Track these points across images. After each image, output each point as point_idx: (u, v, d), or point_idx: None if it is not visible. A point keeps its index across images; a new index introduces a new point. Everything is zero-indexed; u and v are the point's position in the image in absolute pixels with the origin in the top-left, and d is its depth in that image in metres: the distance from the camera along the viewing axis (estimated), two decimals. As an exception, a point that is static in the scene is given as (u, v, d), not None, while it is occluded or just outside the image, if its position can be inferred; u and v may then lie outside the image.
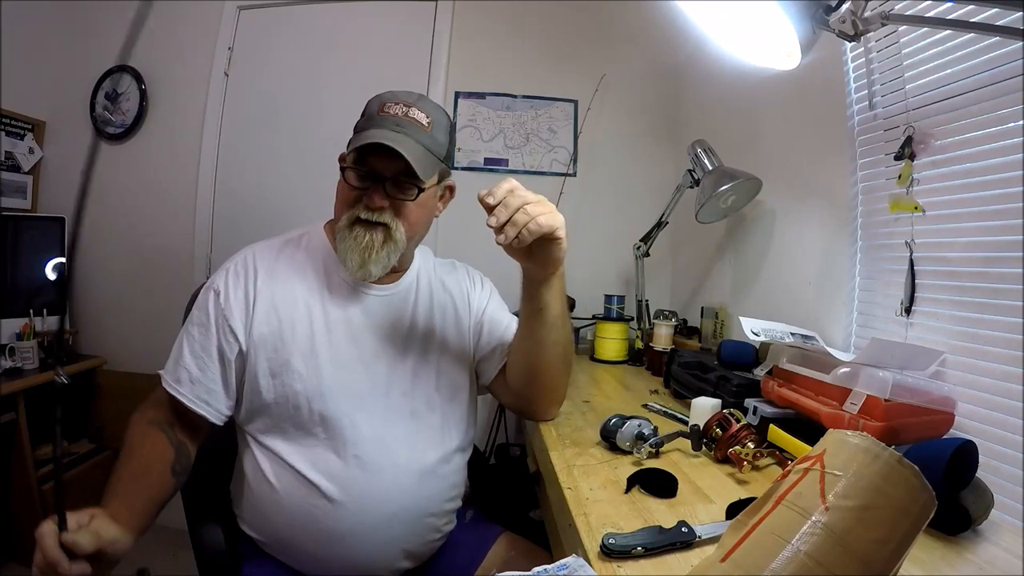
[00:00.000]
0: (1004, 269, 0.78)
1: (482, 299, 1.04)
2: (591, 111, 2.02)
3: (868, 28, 0.70)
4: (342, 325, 0.90)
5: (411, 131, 0.84)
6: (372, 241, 0.85)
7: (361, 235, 0.85)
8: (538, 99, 2.11)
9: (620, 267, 2.05)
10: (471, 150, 2.09)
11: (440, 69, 2.08)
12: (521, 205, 0.75)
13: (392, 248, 0.87)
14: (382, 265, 0.87)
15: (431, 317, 0.97)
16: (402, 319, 0.95)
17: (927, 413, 0.79)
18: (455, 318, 1.00)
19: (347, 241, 0.86)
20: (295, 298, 0.89)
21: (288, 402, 0.85)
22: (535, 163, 2.10)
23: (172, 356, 0.87)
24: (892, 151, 0.98)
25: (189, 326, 0.88)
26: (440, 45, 2.08)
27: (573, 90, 2.10)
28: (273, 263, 0.91)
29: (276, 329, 0.86)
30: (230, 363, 0.86)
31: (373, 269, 0.86)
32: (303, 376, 0.85)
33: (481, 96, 2.10)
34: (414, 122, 0.85)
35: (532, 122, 2.11)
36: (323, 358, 0.87)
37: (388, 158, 0.82)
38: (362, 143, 0.82)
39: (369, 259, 0.86)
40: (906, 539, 0.41)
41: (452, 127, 0.96)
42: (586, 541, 0.61)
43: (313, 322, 0.88)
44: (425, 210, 0.92)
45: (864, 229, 1.09)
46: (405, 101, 0.86)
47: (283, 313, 0.87)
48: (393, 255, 0.88)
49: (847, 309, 1.12)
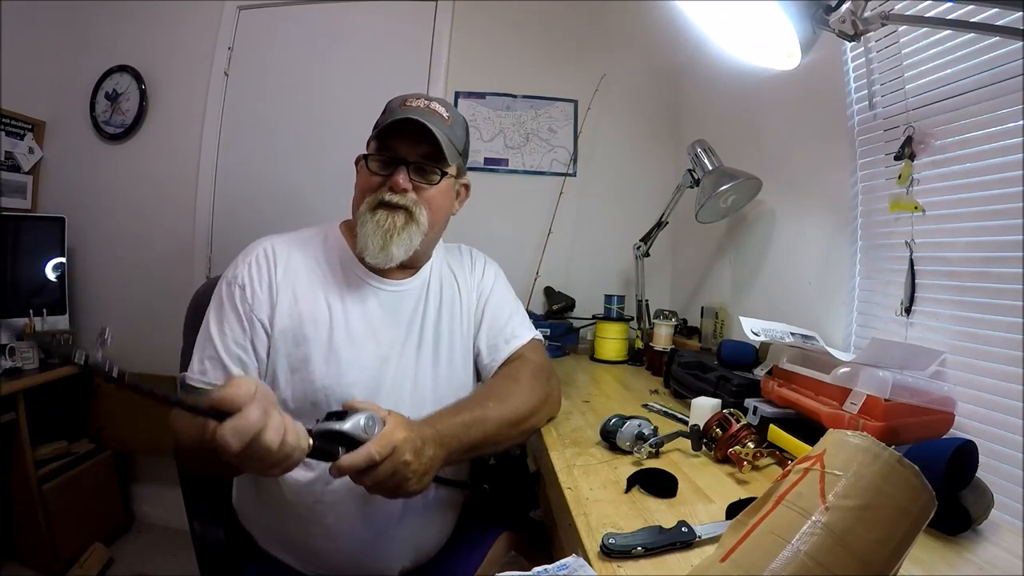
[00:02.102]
0: (1004, 269, 0.78)
1: (483, 288, 1.04)
2: (591, 111, 2.02)
3: (868, 28, 0.70)
4: (360, 321, 0.90)
5: (433, 120, 0.86)
6: (394, 223, 0.86)
7: (384, 218, 0.86)
8: (538, 99, 2.11)
9: (620, 267, 2.05)
10: (471, 150, 2.06)
11: (440, 69, 2.08)
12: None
13: (414, 231, 0.87)
14: (404, 248, 0.87)
15: (441, 312, 0.98)
16: (416, 314, 0.95)
17: (927, 413, 0.79)
18: (461, 311, 1.00)
19: (368, 225, 0.86)
20: (315, 293, 0.89)
21: (307, 398, 0.84)
22: (535, 163, 2.10)
23: (198, 356, 0.84)
24: (892, 151, 0.99)
25: (217, 323, 0.85)
26: (440, 45, 2.08)
27: (573, 90, 2.10)
28: (288, 257, 0.90)
29: (298, 323, 0.86)
30: (263, 360, 0.85)
31: (395, 251, 0.86)
32: (324, 372, 0.85)
33: (481, 96, 2.10)
34: (435, 113, 0.88)
35: (532, 122, 2.11)
36: (343, 354, 0.86)
37: (411, 143, 0.85)
38: (391, 119, 0.84)
39: (391, 240, 0.86)
40: (906, 539, 0.41)
41: (467, 129, 0.99)
42: (586, 541, 0.61)
43: (333, 317, 0.88)
44: (446, 199, 0.93)
45: (864, 229, 1.09)
46: (426, 97, 0.90)
47: (303, 307, 0.87)
48: (415, 238, 0.88)
49: (847, 309, 1.12)
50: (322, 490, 0.83)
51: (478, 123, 2.09)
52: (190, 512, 0.95)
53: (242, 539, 0.92)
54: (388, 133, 0.86)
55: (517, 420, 0.87)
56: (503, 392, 0.90)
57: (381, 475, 0.65)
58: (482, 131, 2.09)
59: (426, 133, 0.84)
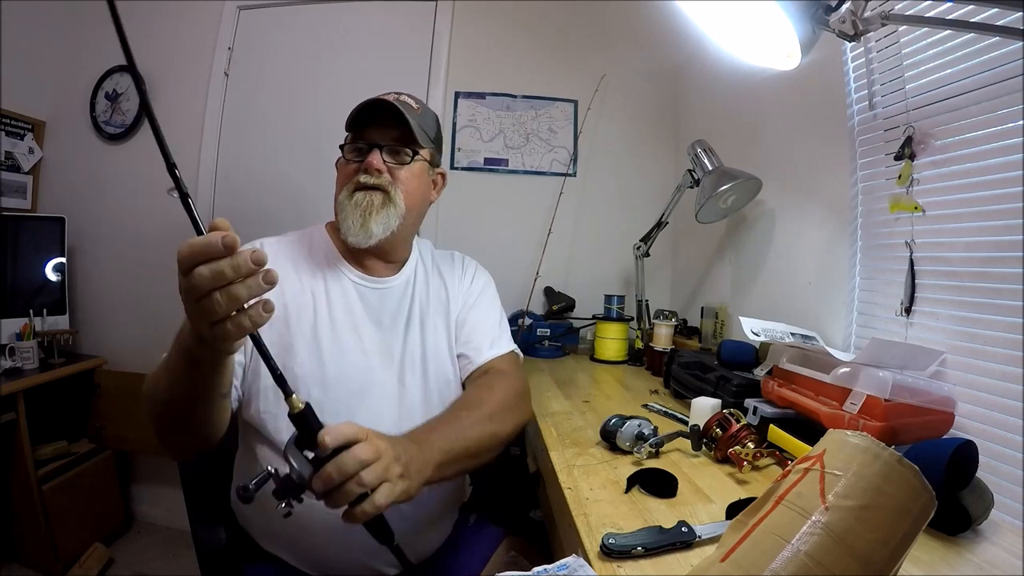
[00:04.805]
0: (1004, 269, 0.78)
1: (469, 294, 1.05)
2: (591, 111, 2.02)
3: (868, 28, 0.70)
4: (344, 316, 0.92)
5: (402, 106, 0.90)
6: (371, 202, 0.90)
7: (361, 198, 0.90)
8: (538, 99, 2.11)
9: (620, 267, 2.05)
10: (471, 150, 2.09)
11: (440, 69, 2.08)
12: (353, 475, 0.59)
13: (392, 212, 0.90)
14: (383, 226, 0.90)
15: (427, 309, 0.99)
16: (401, 311, 0.97)
17: (927, 413, 0.79)
18: (446, 310, 1.02)
19: (347, 207, 0.90)
20: (301, 286, 0.91)
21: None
22: (535, 163, 2.10)
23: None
24: (892, 151, 0.99)
25: None
26: (440, 45, 2.08)
27: (573, 90, 2.10)
28: (276, 254, 0.93)
29: (282, 314, 0.87)
30: (246, 349, 0.85)
31: (374, 228, 0.89)
32: (305, 362, 0.86)
33: (481, 96, 2.10)
34: (405, 103, 0.92)
35: (532, 122, 2.11)
36: (325, 345, 0.88)
37: (383, 128, 0.90)
38: (361, 104, 0.88)
39: (370, 217, 0.89)
40: (906, 539, 0.41)
41: (439, 124, 1.02)
42: (586, 541, 0.61)
43: (317, 310, 0.90)
44: (421, 184, 0.96)
45: (864, 229, 1.09)
46: (396, 92, 0.94)
47: (289, 299, 0.89)
48: (393, 219, 0.90)
49: (847, 309, 1.12)
50: None
51: (478, 123, 2.09)
52: (190, 512, 0.95)
53: (242, 539, 0.92)
54: (361, 123, 0.91)
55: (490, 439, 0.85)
56: (478, 400, 0.89)
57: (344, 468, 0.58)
58: (482, 131, 2.09)
59: (396, 115, 0.89)
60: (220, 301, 0.51)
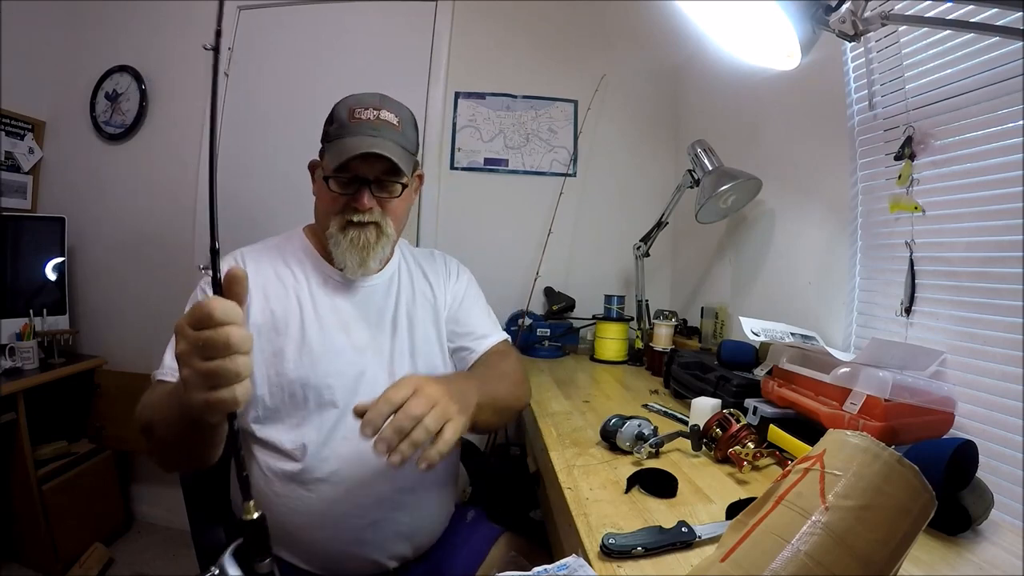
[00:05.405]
0: (1004, 269, 0.78)
1: (458, 291, 1.08)
2: (591, 111, 2.02)
3: (868, 28, 0.70)
4: (331, 315, 0.93)
5: (386, 133, 0.89)
6: (367, 240, 0.91)
7: (356, 237, 0.91)
8: (538, 99, 2.10)
9: (620, 267, 2.05)
10: (471, 150, 2.08)
11: (440, 69, 2.07)
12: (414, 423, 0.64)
13: (385, 242, 0.93)
14: (379, 259, 0.94)
15: (413, 305, 1.01)
16: (387, 308, 0.99)
17: (927, 413, 0.79)
18: (433, 306, 1.03)
19: (342, 245, 0.91)
20: (286, 291, 0.92)
21: (283, 391, 0.87)
22: (535, 163, 2.10)
23: (171, 353, 0.84)
24: (892, 151, 0.99)
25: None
26: (440, 45, 2.08)
27: (573, 90, 2.09)
28: (258, 262, 0.94)
29: (270, 320, 0.89)
30: None
31: (372, 264, 0.93)
32: (297, 364, 0.88)
33: (481, 96, 2.10)
34: (386, 124, 0.90)
35: (532, 122, 2.10)
36: (315, 345, 0.89)
37: (370, 162, 0.88)
38: (347, 156, 0.85)
39: (368, 257, 0.92)
40: (906, 539, 0.41)
41: (416, 123, 1.00)
42: (586, 541, 0.61)
43: (304, 313, 0.91)
44: (407, 203, 0.98)
45: (864, 229, 1.09)
46: (373, 105, 0.90)
47: (275, 304, 0.90)
48: (387, 248, 0.94)
49: (847, 309, 1.12)
50: (309, 479, 0.85)
51: (478, 123, 2.09)
52: (190, 512, 0.95)
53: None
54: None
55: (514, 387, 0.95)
56: (495, 365, 0.98)
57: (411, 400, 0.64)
58: (482, 131, 2.09)
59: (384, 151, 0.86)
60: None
